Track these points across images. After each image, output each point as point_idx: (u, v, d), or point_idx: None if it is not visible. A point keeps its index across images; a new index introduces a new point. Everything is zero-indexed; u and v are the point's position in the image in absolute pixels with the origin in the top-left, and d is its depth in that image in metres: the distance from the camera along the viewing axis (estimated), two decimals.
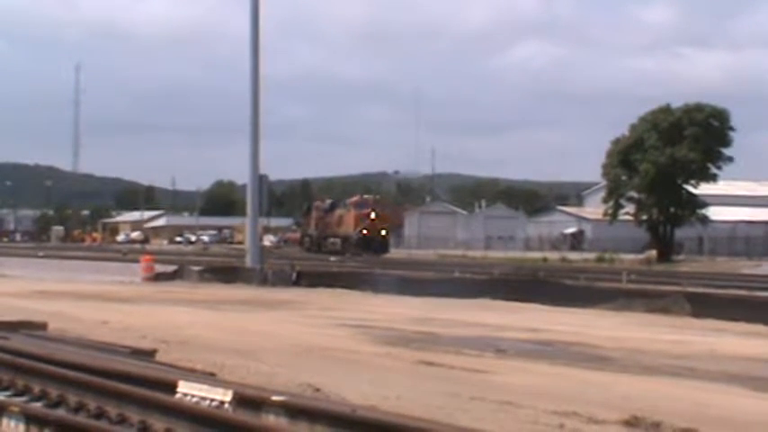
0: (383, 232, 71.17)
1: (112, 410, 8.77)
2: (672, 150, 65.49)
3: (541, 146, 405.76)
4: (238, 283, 36.96)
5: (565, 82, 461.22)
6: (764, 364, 16.12)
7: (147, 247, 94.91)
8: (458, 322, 22.02)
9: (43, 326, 17.12)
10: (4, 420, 7.94)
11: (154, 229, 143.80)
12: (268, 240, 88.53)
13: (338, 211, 74.80)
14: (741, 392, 13.04)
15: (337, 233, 72.05)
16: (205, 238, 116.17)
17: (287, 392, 9.53)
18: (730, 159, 68.25)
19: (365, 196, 78.80)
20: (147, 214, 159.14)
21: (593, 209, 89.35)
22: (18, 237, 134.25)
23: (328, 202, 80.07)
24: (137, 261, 45.32)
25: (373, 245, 67.73)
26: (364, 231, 69.37)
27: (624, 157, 67.99)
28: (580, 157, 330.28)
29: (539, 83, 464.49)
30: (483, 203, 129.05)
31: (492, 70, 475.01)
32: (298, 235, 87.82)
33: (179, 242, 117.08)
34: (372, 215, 70.65)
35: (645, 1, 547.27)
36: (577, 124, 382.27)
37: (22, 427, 7.74)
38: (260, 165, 45.65)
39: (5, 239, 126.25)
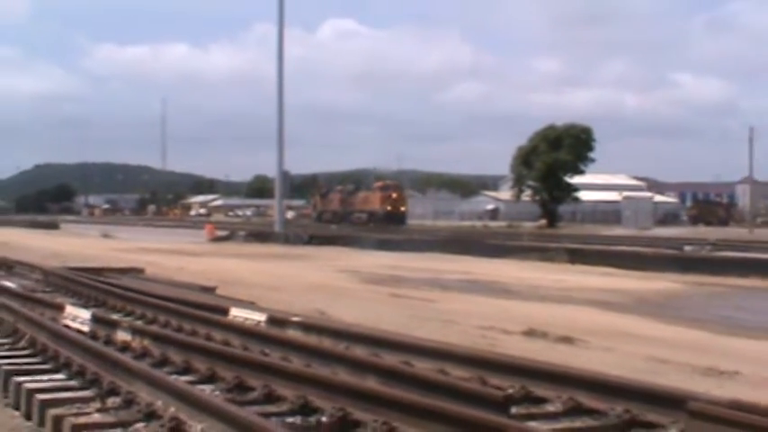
0: (402, 209, 65.35)
1: (187, 326, 8.77)
2: (556, 154, 65.96)
3: (472, 151, 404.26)
4: (270, 243, 36.88)
5: (489, 109, 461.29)
6: (613, 293, 16.27)
7: (210, 219, 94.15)
8: (416, 268, 22.06)
9: (142, 271, 17.14)
10: (119, 332, 7.95)
11: (214, 207, 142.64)
12: (290, 215, 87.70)
13: (362, 193, 69.17)
14: (598, 312, 13.20)
15: (363, 209, 66.09)
16: (248, 213, 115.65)
17: (302, 315, 9.57)
18: (593, 160, 68.91)
19: (388, 182, 72.29)
20: (210, 197, 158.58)
21: (506, 192, 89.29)
22: (126, 212, 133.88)
23: (351, 186, 74.89)
24: (203, 228, 45.19)
25: (395, 218, 62.02)
26: (388, 208, 63.39)
27: (525, 159, 68.18)
28: (496, 158, 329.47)
29: (471, 109, 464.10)
30: (433, 190, 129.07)
31: (440, 100, 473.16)
32: (310, 211, 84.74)
33: (231, 216, 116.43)
34: (394, 195, 65.12)
35: (540, 55, 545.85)
36: (495, 136, 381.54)
37: (129, 337, 7.75)
38: (284, 163, 45.90)
39: (119, 214, 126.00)
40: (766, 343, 10.24)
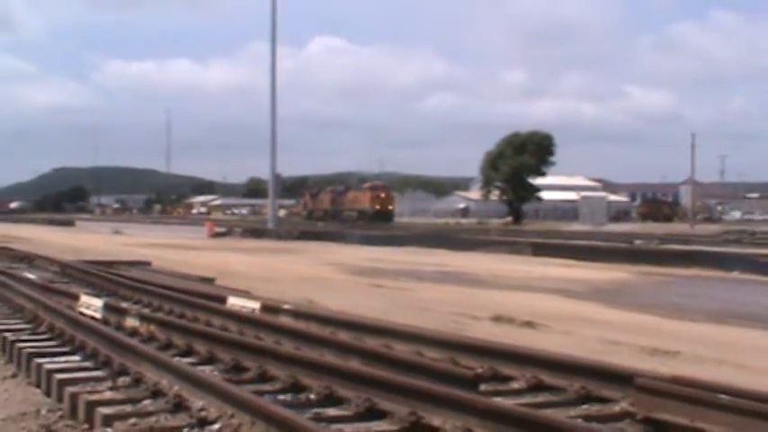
0: (390, 207, 63.40)
1: (189, 314, 8.73)
2: (520, 158, 66.38)
3: (446, 155, 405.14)
4: (264, 239, 36.77)
5: (461, 118, 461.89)
6: (571, 282, 16.35)
7: (210, 217, 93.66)
8: (395, 261, 22.10)
9: (149, 263, 17.04)
10: (128, 319, 7.91)
11: (214, 206, 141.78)
12: (282, 213, 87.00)
13: (352, 193, 66.51)
14: (559, 299, 13.28)
15: (353, 208, 63.83)
16: (244, 212, 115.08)
17: (293, 303, 9.57)
18: (553, 163, 69.46)
19: (377, 182, 69.88)
20: (210, 197, 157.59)
21: (475, 193, 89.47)
22: (135, 211, 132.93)
23: (341, 186, 72.55)
24: (203, 225, 44.98)
25: (383, 216, 59.94)
26: (377, 207, 61.24)
27: (493, 162, 68.54)
28: (468, 161, 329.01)
29: (446, 118, 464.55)
30: (411, 190, 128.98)
31: (417, 110, 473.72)
32: (300, 209, 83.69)
33: (228, 214, 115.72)
34: (383, 195, 63.12)
35: (507, 68, 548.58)
36: (467, 142, 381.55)
37: (137, 323, 7.71)
38: (276, 167, 45.84)
39: (128, 213, 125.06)
40: (704, 325, 10.36)
